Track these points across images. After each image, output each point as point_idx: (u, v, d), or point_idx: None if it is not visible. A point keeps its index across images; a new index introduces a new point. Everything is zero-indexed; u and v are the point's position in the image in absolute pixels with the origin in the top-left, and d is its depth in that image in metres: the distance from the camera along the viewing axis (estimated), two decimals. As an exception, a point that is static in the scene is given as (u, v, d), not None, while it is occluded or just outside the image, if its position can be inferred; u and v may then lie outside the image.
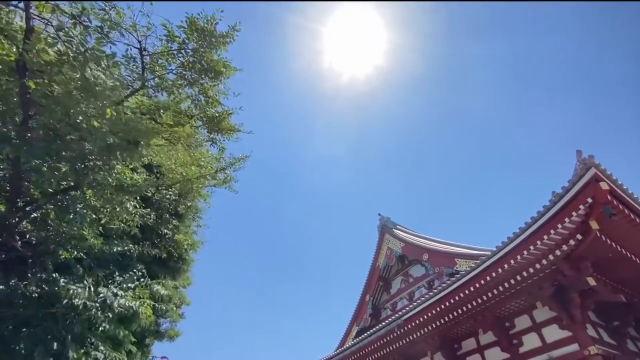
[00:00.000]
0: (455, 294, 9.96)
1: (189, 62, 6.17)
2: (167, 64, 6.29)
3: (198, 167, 8.86)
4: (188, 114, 6.58)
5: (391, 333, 11.79)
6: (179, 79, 6.15)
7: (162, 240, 9.39)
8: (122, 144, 5.28)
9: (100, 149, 5.16)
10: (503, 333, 11.08)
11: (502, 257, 8.89)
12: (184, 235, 10.93)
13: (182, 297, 11.18)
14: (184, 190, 9.62)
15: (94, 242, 6.69)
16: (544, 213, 8.10)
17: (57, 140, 5.03)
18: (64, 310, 5.92)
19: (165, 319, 10.64)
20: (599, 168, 7.38)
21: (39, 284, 5.88)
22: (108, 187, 5.70)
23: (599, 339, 9.85)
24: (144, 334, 9.25)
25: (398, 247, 19.98)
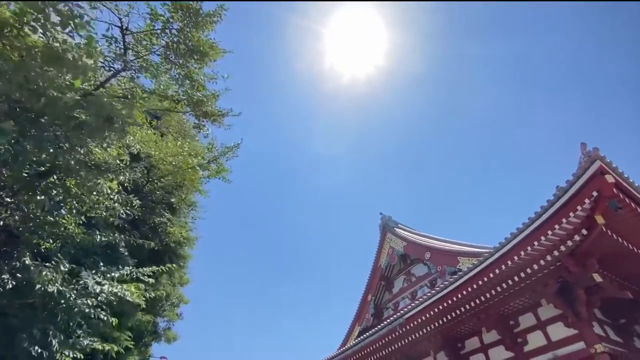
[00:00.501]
0: (458, 292, 9.78)
1: (174, 42, 5.91)
2: (151, 45, 6.00)
3: (189, 157, 8.68)
4: (175, 98, 6.36)
5: (393, 332, 11.61)
6: (164, 61, 5.95)
7: (155, 234, 9.15)
8: (94, 120, 4.90)
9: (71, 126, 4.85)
10: (507, 331, 10.88)
11: (505, 254, 8.71)
12: (177, 228, 10.63)
13: (180, 295, 10.99)
14: (177, 181, 9.43)
15: (75, 231, 6.47)
16: (548, 208, 7.92)
17: (24, 114, 4.75)
18: (40, 299, 5.66)
19: (162, 318, 10.45)
20: (604, 161, 7.20)
21: (13, 272, 5.61)
22: (82, 168, 5.37)
23: (606, 336, 9.64)
24: (141, 332, 9.06)
25: (400, 246, 19.78)
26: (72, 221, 6.26)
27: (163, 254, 9.27)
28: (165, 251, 8.70)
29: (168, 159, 9.03)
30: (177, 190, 10.48)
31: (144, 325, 8.90)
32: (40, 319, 5.94)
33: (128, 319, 8.05)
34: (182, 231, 10.87)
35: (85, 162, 5.39)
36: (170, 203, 10.63)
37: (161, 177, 9.55)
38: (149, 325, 9.34)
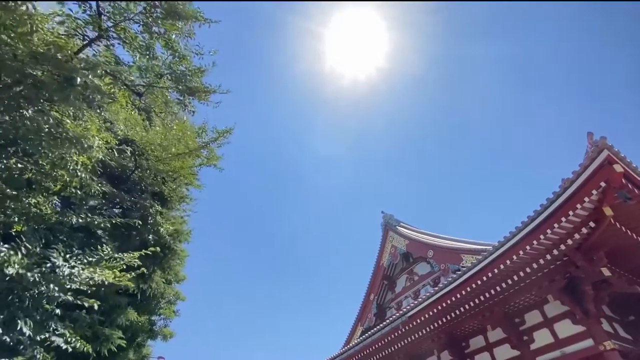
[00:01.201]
0: (461, 289, 9.52)
1: (151, 6, 5.37)
2: (128, 10, 5.46)
3: (178, 142, 8.37)
4: (156, 72, 6.04)
5: (395, 331, 11.37)
6: (144, 30, 5.64)
7: (145, 225, 8.79)
8: (50, 78, 4.50)
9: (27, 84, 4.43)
10: (513, 329, 10.60)
11: (509, 249, 8.45)
12: (169, 220, 10.25)
13: (177, 292, 10.73)
14: (167, 169, 9.11)
15: (46, 212, 6.16)
16: (554, 200, 7.67)
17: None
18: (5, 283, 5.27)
19: (158, 316, 10.17)
20: (612, 150, 6.95)
21: None
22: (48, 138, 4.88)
23: (615, 333, 9.36)
24: (136, 331, 8.81)
25: (402, 244, 19.54)
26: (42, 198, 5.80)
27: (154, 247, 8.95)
28: (156, 244, 8.34)
29: (155, 143, 8.63)
30: (168, 179, 10.07)
31: (140, 325, 8.62)
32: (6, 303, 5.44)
33: (118, 315, 7.77)
34: (175, 224, 10.45)
35: (53, 132, 4.91)
36: (160, 193, 10.20)
37: (149, 163, 9.18)
38: (145, 324, 9.07)
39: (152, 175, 9.67)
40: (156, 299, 9.28)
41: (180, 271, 10.69)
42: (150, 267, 8.46)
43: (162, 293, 9.34)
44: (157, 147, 9.12)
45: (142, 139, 9.21)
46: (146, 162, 9.26)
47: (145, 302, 8.98)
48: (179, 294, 10.87)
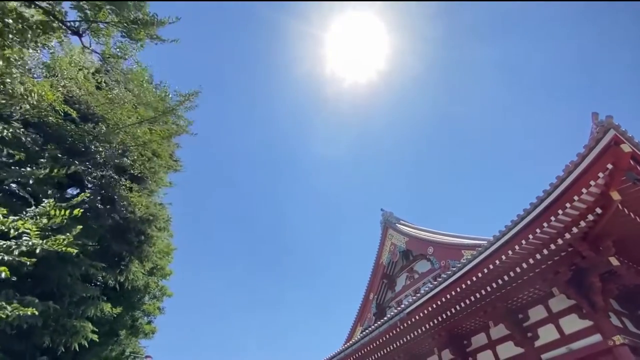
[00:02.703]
0: (460, 282, 9.07)
1: None
2: None
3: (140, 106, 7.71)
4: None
5: (393, 328, 10.90)
6: None
7: (113, 206, 8.14)
8: None
9: None
10: (516, 326, 10.12)
11: (511, 239, 8.00)
12: (143, 199, 9.34)
13: (163, 288, 10.23)
14: (132, 140, 8.34)
15: None
16: (558, 185, 7.22)
17: None
18: None
19: (140, 311, 9.58)
20: (618, 130, 6.50)
21: None
22: None
23: (624, 328, 8.87)
24: (115, 326, 8.30)
25: (402, 242, 19.08)
26: None
27: (127, 231, 8.35)
28: (129, 229, 7.80)
29: (113, 108, 7.95)
30: (136, 152, 9.09)
31: (118, 319, 8.09)
32: None
33: (88, 306, 7.23)
34: (150, 207, 9.49)
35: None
36: (131, 172, 9.32)
37: (109, 130, 8.24)
38: (126, 319, 8.57)
39: (116, 148, 8.76)
40: (138, 293, 8.78)
41: (167, 266, 10.18)
42: (127, 257, 7.95)
43: (144, 287, 8.83)
44: (111, 108, 8.23)
45: (92, 100, 8.26)
46: (106, 127, 8.36)
47: (126, 296, 8.49)
48: (165, 289, 10.36)
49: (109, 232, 7.13)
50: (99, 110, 8.19)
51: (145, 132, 8.37)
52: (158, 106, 7.93)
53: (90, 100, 8.13)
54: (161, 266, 9.74)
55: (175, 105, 8.12)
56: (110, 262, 7.45)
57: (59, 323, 6.55)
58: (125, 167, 8.79)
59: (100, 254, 6.68)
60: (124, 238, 7.87)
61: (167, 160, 9.84)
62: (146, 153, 9.08)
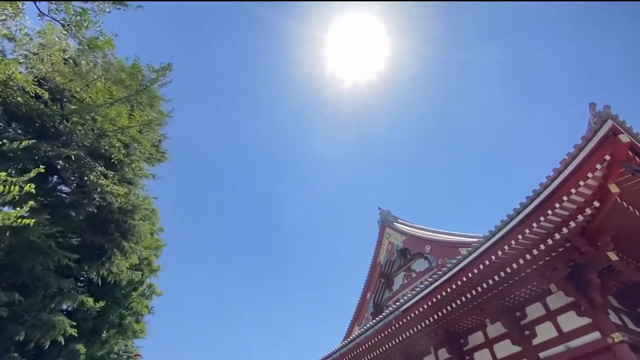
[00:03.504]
0: (456, 279, 8.87)
1: None
2: None
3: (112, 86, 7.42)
4: None
5: (389, 327, 10.71)
6: None
7: (88, 195, 7.81)
8: None
9: None
10: (513, 324, 9.91)
11: (507, 233, 7.81)
12: (118, 187, 8.62)
13: (152, 286, 9.93)
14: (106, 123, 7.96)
15: None
16: (555, 177, 7.04)
17: None
18: None
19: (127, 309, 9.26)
20: (616, 120, 6.33)
21: None
22: None
23: (623, 325, 8.66)
24: (99, 324, 8.02)
25: (399, 240, 18.88)
26: None
27: (105, 222, 7.99)
28: (108, 219, 7.44)
29: (82, 85, 7.47)
30: (112, 137, 8.53)
31: (102, 316, 7.80)
32: None
33: (62, 299, 6.94)
34: (129, 195, 8.97)
35: None
36: (106, 155, 8.76)
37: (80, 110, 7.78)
38: (113, 317, 8.27)
39: (90, 130, 8.19)
40: (123, 289, 8.48)
41: (155, 262, 9.86)
42: (109, 250, 7.66)
43: (129, 282, 8.54)
44: (80, 84, 7.69)
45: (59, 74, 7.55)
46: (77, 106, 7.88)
47: (110, 292, 8.22)
48: (155, 287, 10.06)
49: (86, 223, 6.83)
50: (67, 87, 7.81)
51: (120, 114, 8.00)
52: (131, 84, 7.66)
53: (58, 78, 7.79)
54: (148, 262, 9.44)
55: (149, 83, 7.81)
56: (91, 255, 7.15)
57: (36, 317, 6.30)
58: (101, 153, 8.47)
59: (81, 247, 6.41)
60: (103, 229, 7.54)
61: (148, 148, 9.46)
62: (124, 139, 8.75)
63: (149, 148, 9.33)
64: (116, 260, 8.07)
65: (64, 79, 7.35)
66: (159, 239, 10.18)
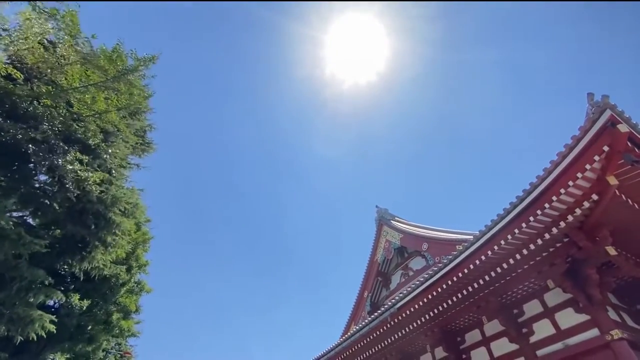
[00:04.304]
0: (452, 275, 8.69)
1: None
2: None
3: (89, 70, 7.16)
4: None
5: (384, 324, 10.52)
6: None
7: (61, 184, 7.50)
8: None
9: None
10: (510, 322, 9.74)
11: (504, 227, 7.63)
12: (94, 175, 8.21)
13: (141, 283, 9.70)
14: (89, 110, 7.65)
15: None
16: (552, 170, 6.86)
17: None
18: None
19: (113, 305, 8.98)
20: (615, 110, 6.15)
21: None
22: None
23: (622, 322, 8.48)
24: (84, 321, 7.78)
25: (396, 238, 18.69)
26: None
27: (84, 213, 7.72)
28: (86, 209, 7.19)
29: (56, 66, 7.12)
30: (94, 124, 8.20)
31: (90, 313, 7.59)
32: None
33: (36, 292, 6.70)
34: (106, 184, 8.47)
35: None
36: (82, 141, 8.29)
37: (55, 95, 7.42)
38: (100, 313, 8.05)
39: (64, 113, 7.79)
40: (109, 285, 8.24)
41: (143, 256, 9.58)
42: (90, 242, 7.41)
43: (113, 277, 8.28)
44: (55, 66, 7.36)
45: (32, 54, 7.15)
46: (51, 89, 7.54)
47: (96, 287, 7.99)
48: (144, 284, 9.81)
49: (65, 213, 6.60)
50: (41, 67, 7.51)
51: (94, 97, 7.70)
52: (108, 69, 7.44)
53: (30, 57, 7.49)
54: (137, 256, 9.16)
55: (131, 69, 7.56)
56: (73, 248, 6.94)
57: (13, 311, 6.07)
58: (77, 138, 8.17)
59: (62, 240, 6.19)
60: (82, 220, 7.30)
61: (129, 136, 9.17)
62: (103, 125, 8.48)
63: (130, 136, 9.06)
64: (98, 254, 7.86)
65: (36, 59, 7.11)
66: (145, 232, 9.91)
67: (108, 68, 7.49)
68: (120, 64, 7.70)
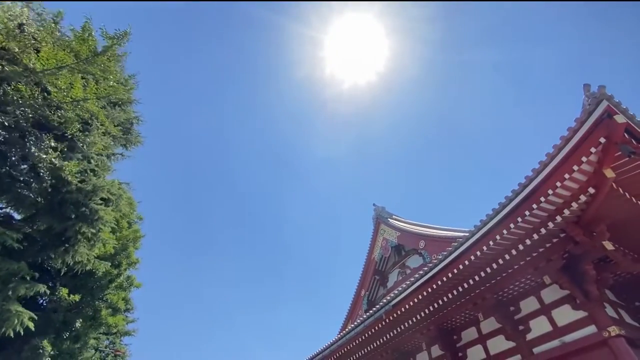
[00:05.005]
0: (448, 271, 8.54)
1: None
2: None
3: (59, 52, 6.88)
4: None
5: (379, 322, 10.37)
6: None
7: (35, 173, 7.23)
8: None
9: None
10: (507, 319, 9.60)
11: (499, 222, 7.48)
12: (69, 164, 7.99)
13: (130, 278, 9.52)
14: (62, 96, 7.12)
15: None
16: (548, 163, 6.71)
17: None
18: None
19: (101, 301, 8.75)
20: (612, 101, 6.01)
21: None
22: None
23: (620, 319, 8.35)
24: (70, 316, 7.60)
25: (394, 237, 18.55)
26: None
27: (63, 204, 7.50)
28: (65, 200, 6.98)
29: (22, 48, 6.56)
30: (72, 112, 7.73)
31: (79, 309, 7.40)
32: None
33: (15, 285, 6.50)
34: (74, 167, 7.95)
35: None
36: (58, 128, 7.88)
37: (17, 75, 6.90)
38: (87, 310, 7.86)
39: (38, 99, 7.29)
40: (97, 280, 8.05)
41: (134, 253, 9.41)
42: (72, 236, 7.20)
43: (104, 274, 8.10)
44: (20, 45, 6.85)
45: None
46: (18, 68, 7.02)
47: (82, 283, 7.79)
48: (133, 279, 9.66)
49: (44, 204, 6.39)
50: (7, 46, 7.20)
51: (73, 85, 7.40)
52: (80, 50, 7.21)
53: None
54: (127, 254, 8.95)
55: (103, 50, 7.28)
56: (55, 242, 6.75)
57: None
58: (53, 126, 7.89)
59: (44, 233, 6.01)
60: (61, 211, 7.09)
61: (110, 127, 8.87)
62: (82, 114, 8.21)
63: (112, 127, 8.79)
64: (81, 248, 7.64)
65: (3, 38, 6.83)
66: (137, 229, 9.76)
67: (80, 49, 7.24)
68: (92, 44, 7.45)
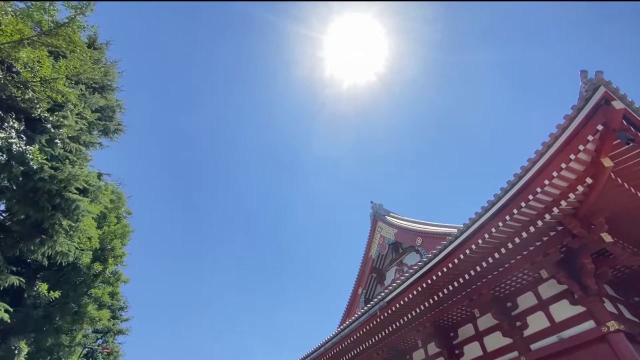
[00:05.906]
0: (443, 265, 8.36)
1: None
2: None
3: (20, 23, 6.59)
4: None
5: (374, 319, 10.18)
6: None
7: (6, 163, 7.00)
8: None
9: None
10: (504, 315, 9.39)
11: (495, 214, 7.29)
12: (33, 147, 7.58)
13: (117, 273, 9.31)
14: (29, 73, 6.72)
15: None
16: (544, 152, 6.53)
17: None
18: None
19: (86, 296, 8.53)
20: (609, 87, 5.82)
21: None
22: None
23: (619, 314, 8.13)
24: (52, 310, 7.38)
25: (391, 234, 18.38)
26: None
27: (35, 192, 7.23)
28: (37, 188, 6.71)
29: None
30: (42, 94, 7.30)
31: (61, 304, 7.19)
32: None
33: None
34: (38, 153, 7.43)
35: None
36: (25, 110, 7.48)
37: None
38: (71, 305, 7.65)
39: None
40: (81, 274, 7.82)
41: (120, 247, 9.20)
42: (50, 227, 6.95)
43: (87, 266, 7.89)
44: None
45: None
46: None
47: (66, 277, 7.57)
48: (120, 274, 9.46)
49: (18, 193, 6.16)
50: None
51: (40, 61, 7.10)
52: (41, 20, 6.97)
53: None
54: (112, 247, 8.76)
55: (67, 21, 7.01)
56: (32, 233, 6.53)
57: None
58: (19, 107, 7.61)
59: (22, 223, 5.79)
60: (34, 200, 6.85)
61: (85, 111, 8.58)
62: (53, 95, 7.96)
63: (87, 111, 8.52)
64: (60, 238, 7.40)
65: None
66: (126, 224, 9.55)
67: (40, 18, 6.98)
68: (54, 13, 7.19)
